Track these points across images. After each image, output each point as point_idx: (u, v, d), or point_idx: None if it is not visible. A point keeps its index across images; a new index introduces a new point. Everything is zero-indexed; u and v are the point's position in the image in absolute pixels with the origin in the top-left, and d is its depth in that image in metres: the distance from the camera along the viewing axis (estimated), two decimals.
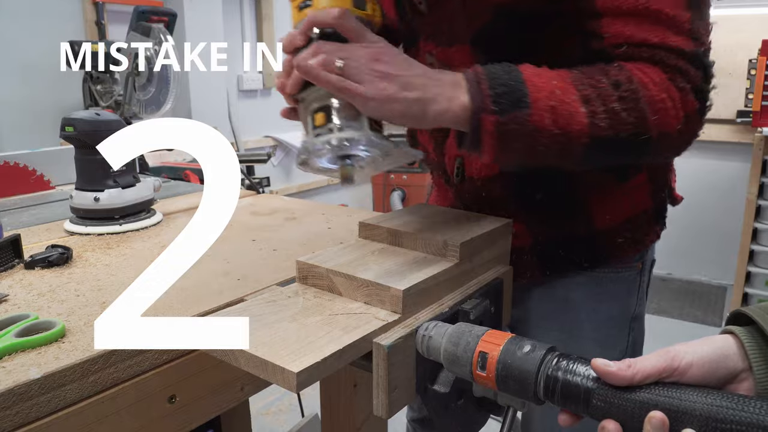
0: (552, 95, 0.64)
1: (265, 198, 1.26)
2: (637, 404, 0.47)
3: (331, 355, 0.53)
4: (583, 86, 0.66)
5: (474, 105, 0.64)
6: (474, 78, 0.65)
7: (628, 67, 0.67)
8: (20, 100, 2.45)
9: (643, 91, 0.65)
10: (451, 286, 0.70)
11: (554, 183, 0.82)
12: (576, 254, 0.86)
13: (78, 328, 0.61)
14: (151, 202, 1.06)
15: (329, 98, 0.66)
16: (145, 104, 1.67)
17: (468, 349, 0.55)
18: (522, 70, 0.66)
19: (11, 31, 2.38)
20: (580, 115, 0.64)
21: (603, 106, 0.65)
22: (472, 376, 0.55)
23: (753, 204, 2.82)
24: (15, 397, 0.49)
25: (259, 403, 2.26)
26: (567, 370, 0.51)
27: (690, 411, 0.45)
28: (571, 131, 0.65)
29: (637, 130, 0.66)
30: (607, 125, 0.65)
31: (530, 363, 0.52)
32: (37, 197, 1.28)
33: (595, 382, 0.49)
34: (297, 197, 1.35)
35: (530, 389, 0.52)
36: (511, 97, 0.63)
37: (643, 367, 0.47)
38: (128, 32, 1.91)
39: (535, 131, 0.64)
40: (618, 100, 0.65)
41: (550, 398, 0.51)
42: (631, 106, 0.65)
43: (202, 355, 0.63)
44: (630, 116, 0.65)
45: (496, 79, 0.64)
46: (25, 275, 0.77)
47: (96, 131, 0.96)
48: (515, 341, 0.54)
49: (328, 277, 0.68)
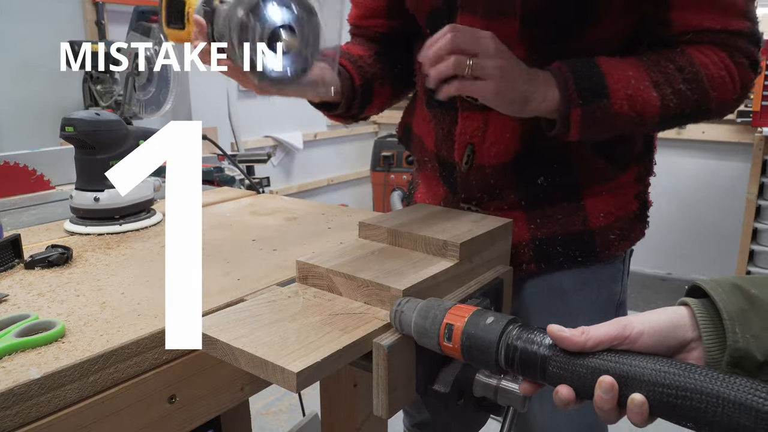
0: (628, 84, 0.75)
1: (265, 198, 1.26)
2: (589, 369, 0.49)
3: (331, 355, 0.53)
4: (653, 73, 0.76)
5: (563, 100, 0.75)
6: (561, 76, 0.76)
7: (689, 51, 0.78)
8: (20, 100, 2.44)
9: (704, 71, 0.76)
10: (451, 286, 0.70)
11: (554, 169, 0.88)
12: (572, 249, 0.90)
13: (78, 328, 0.61)
14: (151, 202, 1.06)
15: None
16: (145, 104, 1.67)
17: (436, 321, 0.57)
18: (600, 63, 0.76)
19: (11, 31, 2.38)
20: (653, 99, 0.76)
21: (671, 88, 0.76)
22: (440, 347, 0.57)
23: (753, 204, 2.82)
24: (15, 397, 0.49)
25: (259, 403, 2.26)
26: (526, 340, 0.52)
27: (638, 376, 0.46)
28: (645, 113, 0.76)
29: (700, 105, 0.78)
30: (675, 104, 0.76)
31: (492, 333, 0.54)
32: (37, 197, 1.28)
33: (550, 349, 0.51)
34: (297, 197, 1.35)
35: (492, 358, 0.53)
36: (594, 91, 0.75)
37: (595, 334, 0.49)
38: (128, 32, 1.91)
39: (616, 116, 0.76)
40: (683, 82, 0.76)
41: (510, 366, 0.53)
42: (694, 86, 0.76)
43: (202, 355, 0.63)
44: (694, 94, 0.77)
45: (579, 75, 0.75)
46: (25, 275, 0.77)
47: (96, 131, 0.96)
48: (479, 313, 0.56)
49: (328, 277, 0.68)
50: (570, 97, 0.74)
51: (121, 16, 2.63)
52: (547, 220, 0.89)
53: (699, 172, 3.29)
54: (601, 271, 0.93)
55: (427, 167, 1.01)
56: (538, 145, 0.85)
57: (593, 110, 0.75)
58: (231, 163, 1.55)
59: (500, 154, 0.87)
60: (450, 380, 0.63)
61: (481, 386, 0.65)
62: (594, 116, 0.75)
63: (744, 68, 0.78)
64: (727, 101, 0.79)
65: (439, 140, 0.94)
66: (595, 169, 0.88)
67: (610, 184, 0.90)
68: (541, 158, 0.87)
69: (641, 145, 0.93)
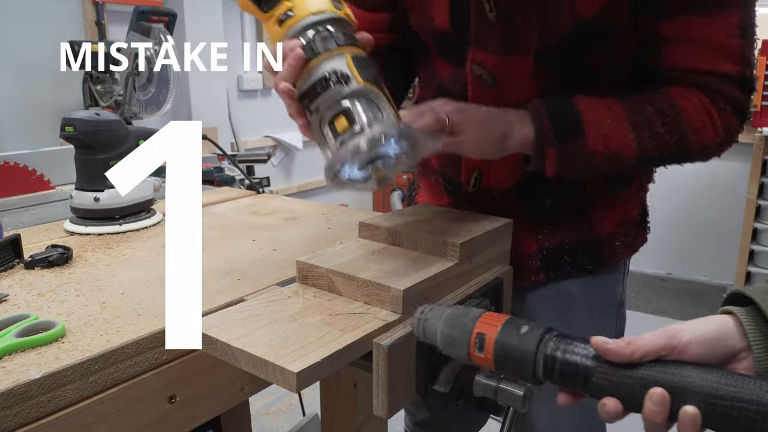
0: (604, 124, 0.75)
1: (265, 198, 1.26)
2: (637, 381, 0.47)
3: (331, 355, 0.53)
4: (632, 114, 0.75)
5: (538, 138, 0.75)
6: (536, 114, 0.76)
7: (672, 94, 0.76)
8: (20, 100, 2.44)
9: (684, 114, 0.75)
10: (451, 286, 0.70)
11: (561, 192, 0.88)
12: (580, 258, 0.91)
13: (78, 328, 0.61)
14: (151, 202, 1.06)
15: (345, 100, 0.62)
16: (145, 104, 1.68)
17: (465, 330, 0.55)
18: (577, 103, 0.76)
19: (11, 31, 2.38)
20: (630, 140, 0.75)
21: (649, 130, 0.75)
22: (470, 358, 0.55)
23: (753, 204, 2.83)
24: (15, 397, 0.49)
25: (259, 403, 2.26)
26: (565, 350, 0.51)
27: (690, 388, 0.45)
28: (622, 154, 0.75)
29: (679, 148, 0.77)
30: (652, 147, 0.76)
31: (528, 343, 0.52)
32: (37, 197, 1.28)
33: (594, 360, 0.49)
34: (297, 197, 1.35)
35: (529, 369, 0.51)
36: (569, 130, 0.75)
37: (642, 345, 0.48)
38: (128, 32, 1.91)
39: (590, 155, 0.75)
40: (662, 125, 0.75)
41: (549, 378, 0.51)
42: (673, 129, 0.75)
43: (202, 355, 0.63)
44: (672, 137, 0.75)
45: (555, 114, 0.75)
46: (25, 275, 0.77)
47: (96, 131, 0.96)
48: (513, 322, 0.54)
49: (328, 277, 0.68)
50: (545, 136, 0.75)
51: (121, 16, 2.63)
52: (553, 229, 0.90)
53: (699, 172, 3.29)
54: (607, 277, 0.94)
55: (431, 178, 1.01)
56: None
57: (567, 149, 0.75)
58: (231, 163, 1.55)
59: (507, 178, 0.88)
60: (450, 380, 0.63)
61: (481, 386, 0.65)
62: (568, 154, 0.75)
63: (727, 114, 0.76)
64: (708, 146, 0.77)
65: (444, 161, 0.94)
66: (601, 188, 0.89)
67: (615, 197, 0.91)
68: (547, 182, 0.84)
69: None
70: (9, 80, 2.41)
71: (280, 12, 0.65)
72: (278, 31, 0.66)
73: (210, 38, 3.05)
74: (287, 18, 0.65)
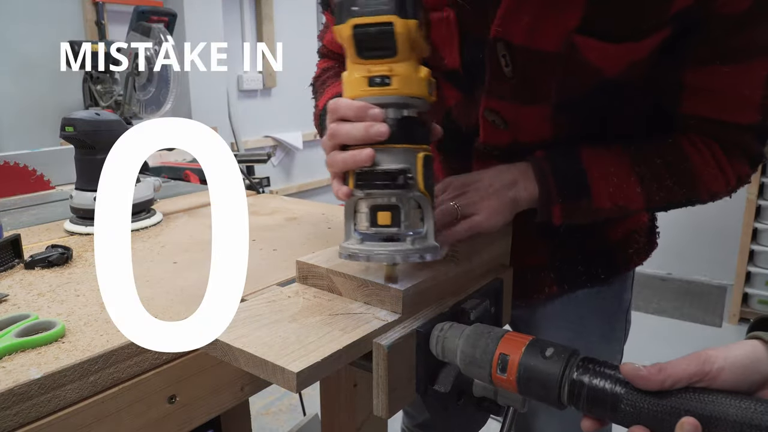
0: (609, 181, 0.73)
1: (265, 198, 1.26)
2: (667, 409, 0.46)
3: (331, 355, 0.53)
4: (639, 168, 0.74)
5: (543, 196, 0.73)
6: (540, 172, 0.74)
7: (682, 145, 0.74)
8: (20, 100, 2.44)
9: (694, 169, 0.73)
10: (451, 286, 0.70)
11: None
12: (594, 267, 0.90)
13: (78, 328, 0.61)
14: (151, 202, 1.06)
15: (401, 199, 0.60)
16: (145, 104, 1.68)
17: (487, 351, 0.54)
18: (581, 158, 0.74)
19: (11, 31, 2.38)
20: (637, 194, 0.74)
21: (657, 183, 0.74)
22: (491, 379, 0.54)
23: (753, 204, 2.82)
24: (15, 397, 0.49)
25: (259, 403, 2.27)
26: (593, 374, 0.49)
27: (723, 417, 0.43)
28: (629, 207, 0.74)
29: (688, 198, 0.75)
30: (661, 198, 0.74)
31: (554, 366, 0.50)
32: (37, 197, 1.28)
33: (623, 386, 0.48)
34: (297, 197, 1.35)
35: (554, 394, 0.50)
36: (574, 188, 0.73)
37: (673, 372, 0.46)
38: (128, 32, 1.91)
39: (597, 210, 0.74)
40: (670, 177, 0.74)
41: (574, 403, 0.50)
42: (682, 181, 0.74)
43: (202, 355, 0.63)
44: (682, 188, 0.74)
45: (559, 172, 0.73)
46: (25, 275, 0.77)
47: (96, 131, 0.96)
48: (537, 344, 0.53)
49: (328, 277, 0.68)
50: (550, 194, 0.73)
51: (121, 16, 2.64)
52: (565, 239, 0.87)
53: None
54: (617, 284, 0.93)
55: None
56: None
57: (573, 207, 0.74)
58: None
59: None
60: (450, 380, 0.63)
61: (481, 386, 0.65)
62: (575, 212, 0.74)
63: (742, 165, 0.75)
64: (718, 193, 0.76)
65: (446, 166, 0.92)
66: None
67: None
68: None
69: None
70: (9, 80, 2.41)
71: (377, 70, 0.58)
72: (361, 84, 0.59)
73: (210, 38, 3.06)
74: (383, 83, 0.58)
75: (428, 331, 0.61)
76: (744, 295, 2.96)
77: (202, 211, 1.14)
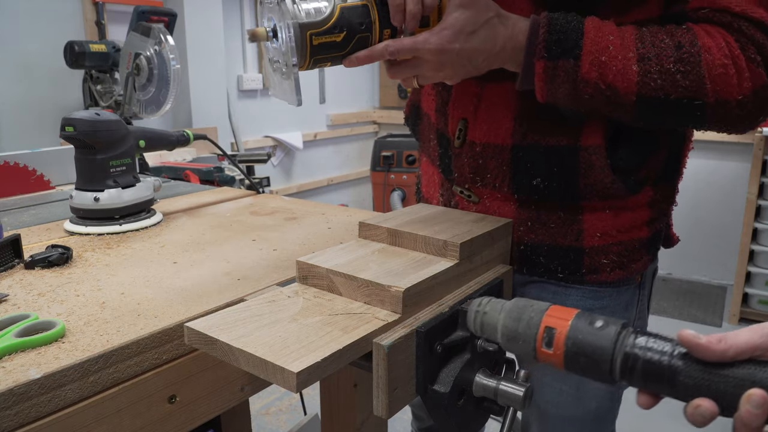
0: (605, 50, 0.67)
1: (265, 198, 1.26)
2: (731, 381, 0.43)
3: (331, 355, 0.53)
4: (643, 45, 0.67)
5: (528, 48, 0.69)
6: (535, 22, 0.69)
7: (695, 30, 0.68)
8: (20, 100, 2.45)
9: (705, 55, 0.66)
10: (451, 286, 0.70)
11: (554, 172, 0.80)
12: (554, 263, 0.84)
13: (78, 328, 0.61)
14: (151, 202, 1.06)
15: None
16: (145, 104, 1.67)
17: (531, 324, 0.51)
18: (585, 22, 0.69)
19: (11, 31, 2.39)
20: (631, 73, 0.67)
21: (658, 65, 0.67)
22: (535, 354, 0.51)
23: (753, 204, 2.83)
24: (15, 397, 0.49)
25: (259, 403, 2.27)
26: (647, 348, 0.47)
27: None
28: (618, 87, 0.68)
29: (691, 95, 0.67)
30: (657, 86, 0.67)
31: (604, 339, 0.48)
32: (37, 197, 1.28)
33: (681, 359, 0.45)
34: (297, 197, 1.35)
35: (604, 368, 0.48)
36: (564, 46, 0.68)
37: (735, 342, 0.44)
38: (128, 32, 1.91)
39: (582, 82, 0.68)
40: (675, 62, 0.66)
41: (626, 377, 0.48)
42: (687, 69, 0.66)
43: (202, 355, 0.63)
44: (685, 79, 0.66)
45: (554, 26, 0.68)
46: (25, 275, 0.77)
47: (96, 131, 0.96)
48: (584, 316, 0.50)
49: (328, 277, 0.68)
50: (535, 47, 0.68)
51: (121, 16, 2.64)
52: (538, 225, 0.83)
53: (699, 172, 3.29)
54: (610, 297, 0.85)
55: (428, 149, 0.96)
56: (536, 138, 0.79)
57: (557, 67, 0.68)
58: (231, 163, 1.55)
59: (492, 133, 0.82)
60: (450, 380, 0.63)
61: (481, 386, 0.65)
62: (557, 74, 0.69)
63: (757, 66, 0.66)
64: (727, 101, 0.67)
65: (438, 112, 0.90)
66: (601, 183, 0.78)
67: (616, 203, 0.81)
68: (538, 156, 0.79)
69: (662, 166, 0.83)
70: (9, 80, 2.41)
71: None
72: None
73: (210, 38, 3.06)
74: None
75: (428, 331, 0.61)
76: (744, 295, 2.96)
77: (202, 211, 1.14)
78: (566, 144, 0.78)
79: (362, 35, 0.70)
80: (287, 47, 0.67)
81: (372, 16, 0.70)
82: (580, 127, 0.78)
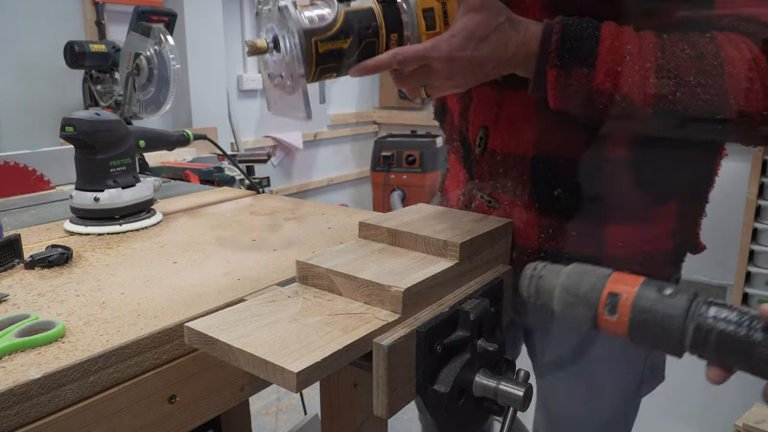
0: (621, 60, 0.63)
1: (265, 198, 1.26)
2: None
3: (331, 355, 0.53)
4: (663, 54, 0.64)
5: (540, 55, 0.66)
6: (549, 28, 0.66)
7: (719, 39, 0.63)
8: (20, 100, 2.45)
9: (728, 67, 0.62)
10: (451, 286, 0.70)
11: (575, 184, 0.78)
12: None
13: (78, 328, 0.61)
14: (151, 202, 1.06)
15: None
16: (145, 104, 1.67)
17: (594, 289, 0.48)
18: (602, 28, 0.65)
19: (11, 31, 2.39)
20: (648, 85, 0.63)
21: (677, 78, 0.63)
22: (596, 321, 0.48)
23: (753, 204, 2.82)
24: (15, 397, 0.49)
25: (259, 403, 2.27)
26: (725, 319, 0.44)
27: None
28: (634, 99, 0.64)
29: (712, 109, 0.63)
30: (675, 99, 0.63)
31: (675, 308, 0.45)
32: (37, 197, 1.28)
33: (762, 332, 0.43)
34: (297, 197, 1.35)
35: (674, 338, 0.45)
36: (577, 54, 0.65)
37: None
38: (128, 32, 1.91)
39: (596, 92, 0.65)
40: (696, 74, 0.62)
41: (698, 349, 0.45)
42: (709, 82, 0.62)
43: (202, 355, 0.63)
44: (705, 93, 0.62)
45: (568, 33, 0.65)
46: (25, 275, 0.77)
47: (96, 131, 0.96)
48: (651, 283, 0.47)
49: (328, 277, 0.68)
50: (548, 55, 0.65)
51: (121, 16, 2.64)
52: (560, 233, 0.81)
53: None
54: None
55: (453, 147, 0.95)
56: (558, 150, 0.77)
57: (569, 76, 0.65)
58: (231, 163, 1.55)
59: (513, 142, 0.80)
60: (450, 380, 0.63)
61: (481, 387, 0.65)
62: (570, 83, 0.66)
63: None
64: (751, 116, 0.62)
65: (461, 117, 0.88)
66: (625, 196, 0.77)
67: (640, 214, 0.79)
68: (560, 167, 0.76)
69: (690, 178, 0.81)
70: (9, 80, 2.41)
71: None
72: None
73: (210, 38, 3.06)
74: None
75: (428, 331, 0.61)
76: (744, 295, 2.96)
77: (202, 211, 1.14)
78: (589, 156, 0.76)
79: (369, 40, 0.68)
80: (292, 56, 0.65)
81: (378, 20, 0.69)
82: (604, 140, 0.75)
